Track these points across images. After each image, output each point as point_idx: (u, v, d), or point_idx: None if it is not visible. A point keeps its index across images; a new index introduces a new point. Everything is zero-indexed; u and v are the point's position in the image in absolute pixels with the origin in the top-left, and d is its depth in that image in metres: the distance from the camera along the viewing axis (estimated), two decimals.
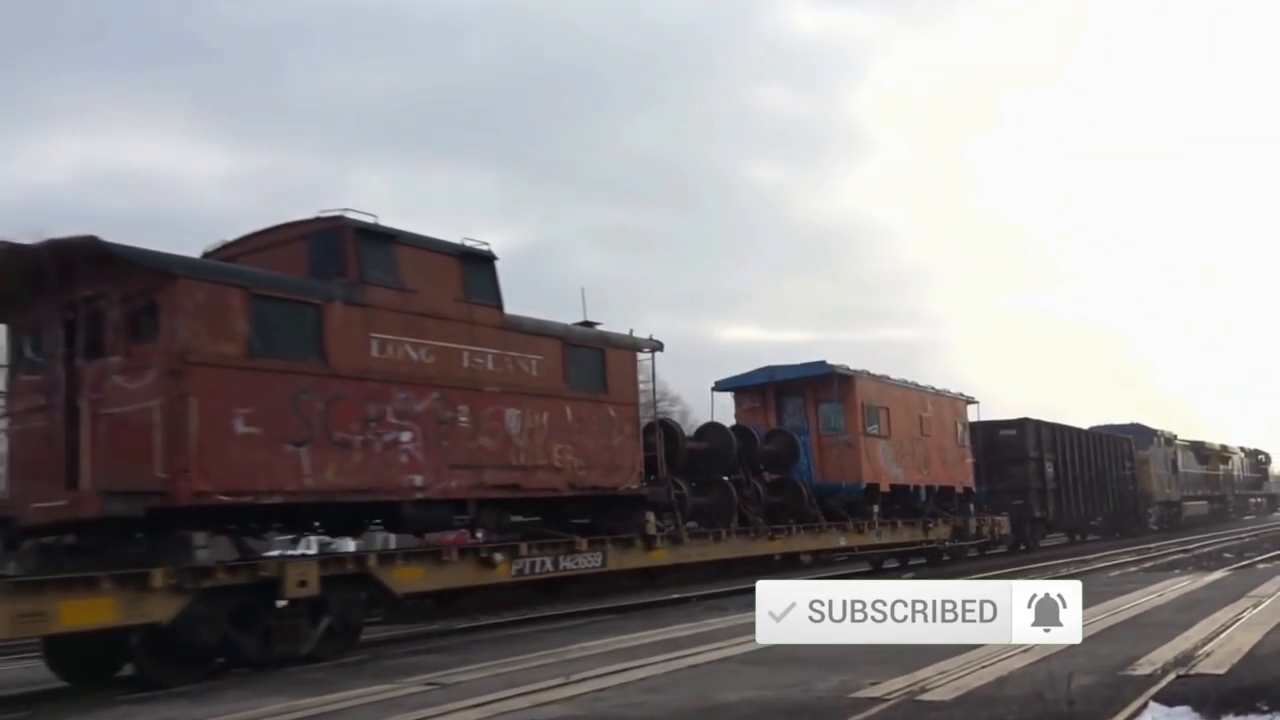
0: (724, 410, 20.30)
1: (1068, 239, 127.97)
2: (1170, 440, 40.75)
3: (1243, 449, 51.64)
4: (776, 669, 7.02)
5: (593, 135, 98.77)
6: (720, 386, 20.26)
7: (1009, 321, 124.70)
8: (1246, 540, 27.08)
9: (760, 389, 20.63)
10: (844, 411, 20.03)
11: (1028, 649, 6.71)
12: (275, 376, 9.57)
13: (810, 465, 19.34)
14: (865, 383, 20.50)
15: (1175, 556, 21.31)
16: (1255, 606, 9.82)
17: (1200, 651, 7.16)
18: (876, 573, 22.12)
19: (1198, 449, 44.51)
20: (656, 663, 7.81)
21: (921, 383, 23.09)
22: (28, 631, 7.95)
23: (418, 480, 10.76)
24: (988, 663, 6.81)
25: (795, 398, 20.63)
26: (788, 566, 18.79)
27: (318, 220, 10.75)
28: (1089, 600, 9.37)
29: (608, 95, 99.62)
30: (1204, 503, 42.80)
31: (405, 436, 10.67)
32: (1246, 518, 47.94)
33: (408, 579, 10.75)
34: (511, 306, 12.06)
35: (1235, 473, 49.21)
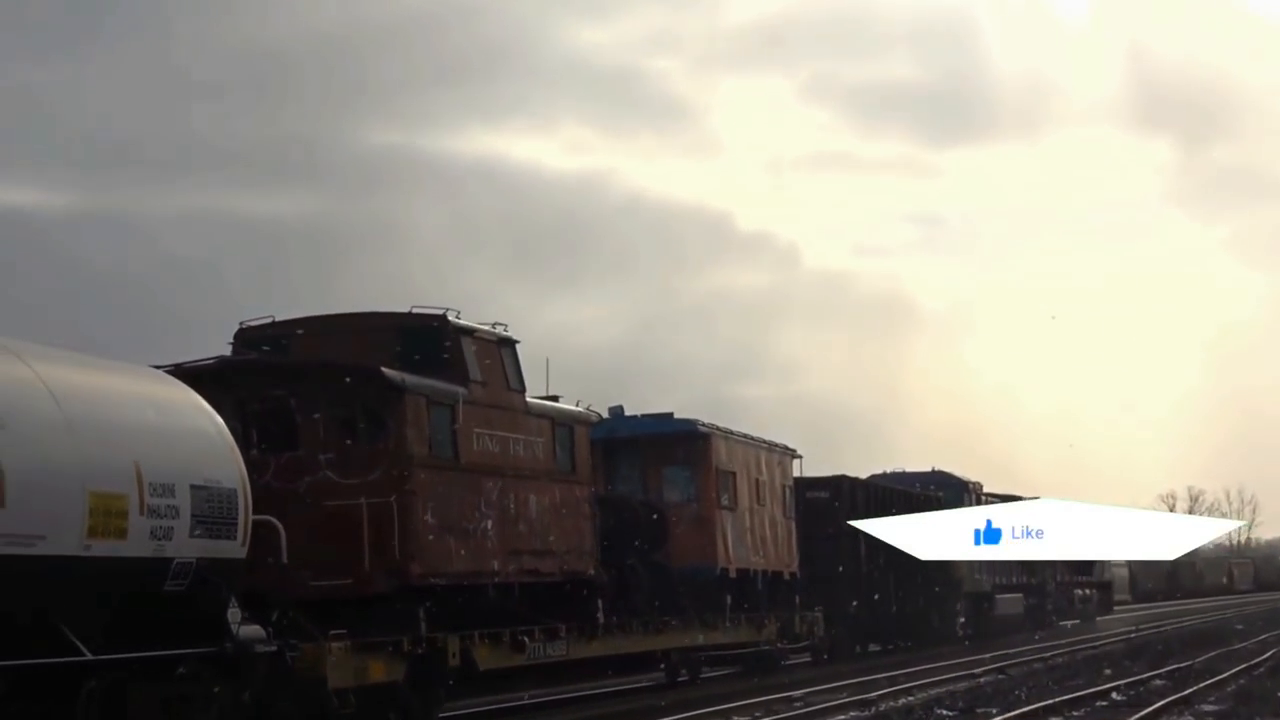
0: None
1: None
2: (980, 497, 57.77)
3: None
4: None
5: None
6: None
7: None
8: (999, 678, 34.15)
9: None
10: (695, 478, 35.15)
11: None
12: (440, 473, 23.24)
13: None
14: (720, 441, 35.41)
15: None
16: None
17: None
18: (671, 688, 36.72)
19: None
20: None
21: (752, 433, 38.50)
22: (359, 680, 21.51)
23: (496, 565, 25.29)
24: None
25: (631, 457, 35.11)
26: (646, 665, 34.02)
27: (415, 315, 24.60)
28: None
29: None
30: (1019, 595, 62.19)
31: (489, 524, 25.13)
32: (1066, 623, 67.14)
33: (484, 657, 25.16)
34: None
35: None
